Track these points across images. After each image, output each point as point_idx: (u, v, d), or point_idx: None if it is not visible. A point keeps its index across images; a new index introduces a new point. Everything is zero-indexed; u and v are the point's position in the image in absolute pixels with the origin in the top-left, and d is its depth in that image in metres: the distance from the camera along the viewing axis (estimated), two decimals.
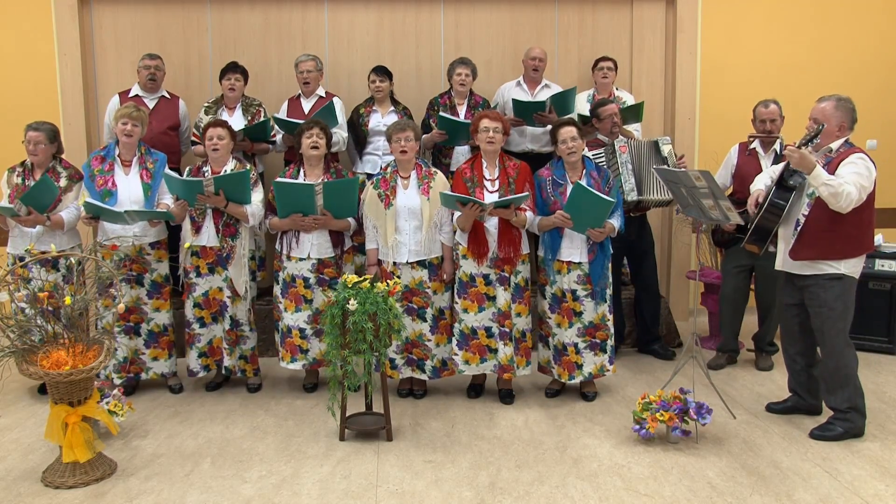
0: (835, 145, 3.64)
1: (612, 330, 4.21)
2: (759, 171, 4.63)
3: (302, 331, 4.26)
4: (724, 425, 3.83)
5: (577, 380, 4.19)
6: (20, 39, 5.50)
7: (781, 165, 3.78)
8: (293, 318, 4.26)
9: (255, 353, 4.44)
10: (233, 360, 4.35)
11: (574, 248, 4.10)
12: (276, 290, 4.32)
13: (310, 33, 5.65)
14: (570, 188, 4.06)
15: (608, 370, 4.20)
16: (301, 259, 4.23)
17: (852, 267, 3.63)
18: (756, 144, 4.69)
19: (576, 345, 4.15)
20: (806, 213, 3.62)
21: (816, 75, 5.89)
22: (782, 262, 3.78)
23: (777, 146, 4.64)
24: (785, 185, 3.70)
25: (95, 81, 5.59)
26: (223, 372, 4.40)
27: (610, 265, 4.17)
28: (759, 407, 4.10)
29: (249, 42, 5.61)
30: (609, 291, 4.17)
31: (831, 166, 3.56)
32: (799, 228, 3.65)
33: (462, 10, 5.72)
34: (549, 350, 4.26)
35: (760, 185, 3.93)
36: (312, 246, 4.23)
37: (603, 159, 4.67)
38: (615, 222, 4.08)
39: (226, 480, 3.29)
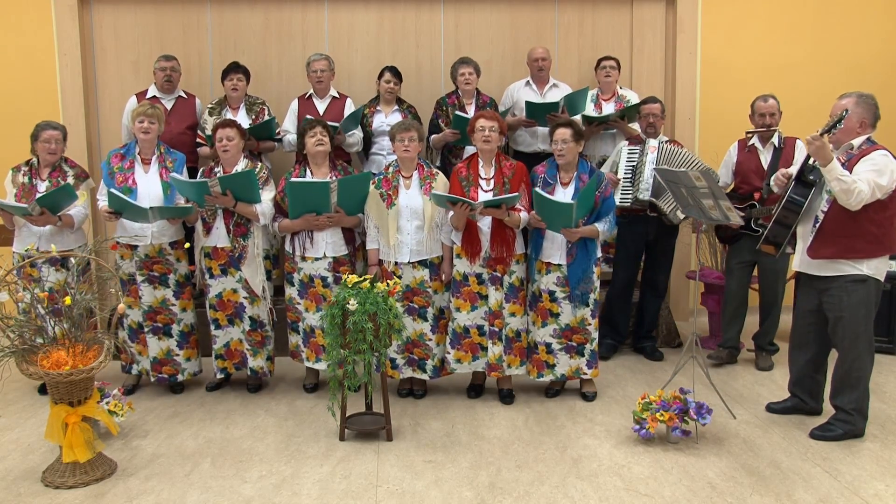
0: (856, 142, 3.54)
1: (595, 334, 4.18)
2: (760, 166, 4.64)
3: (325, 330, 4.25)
4: (724, 425, 3.83)
5: (547, 378, 4.20)
6: (20, 39, 5.50)
7: (802, 161, 3.70)
8: (315, 318, 4.25)
9: (273, 353, 4.46)
10: (259, 362, 4.35)
11: (554, 250, 4.09)
12: (291, 291, 4.30)
13: (310, 33, 5.65)
14: (558, 188, 4.07)
15: (585, 374, 4.19)
16: (317, 259, 4.22)
17: (875, 268, 3.52)
18: (755, 140, 4.70)
19: (548, 345, 4.15)
20: (825, 209, 3.52)
21: (816, 75, 5.89)
22: (800, 261, 3.68)
23: (775, 140, 4.64)
24: (804, 181, 3.60)
25: (95, 81, 5.59)
26: (248, 374, 4.40)
27: (596, 269, 4.12)
28: (759, 407, 4.09)
29: (249, 42, 5.61)
30: (593, 296, 4.13)
31: (851, 164, 3.47)
32: (817, 225, 3.55)
33: (462, 10, 5.72)
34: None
35: (793, 169, 3.84)
36: (327, 245, 4.22)
37: (636, 156, 4.71)
38: (601, 226, 4.04)
39: (226, 480, 3.29)
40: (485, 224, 4.06)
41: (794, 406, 3.96)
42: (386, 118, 5.04)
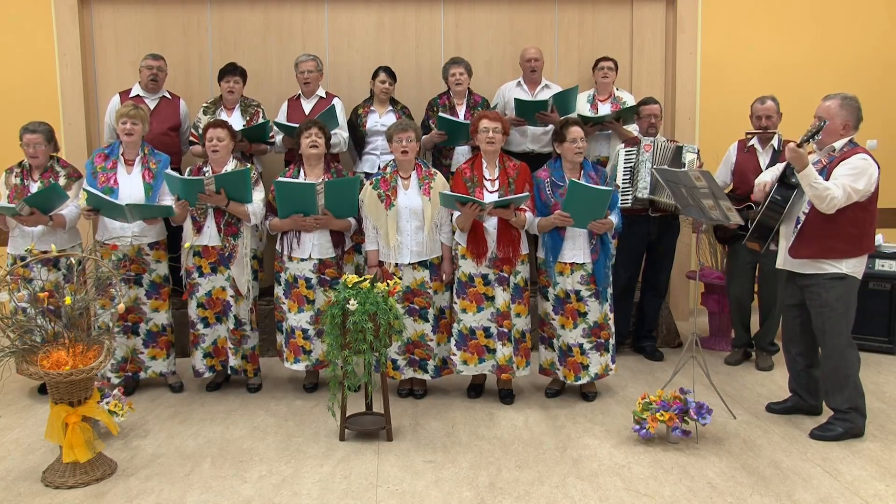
0: (838, 144, 3.60)
1: (613, 328, 4.22)
2: (758, 167, 4.65)
3: (305, 331, 4.25)
4: (724, 425, 3.83)
5: (584, 380, 4.19)
6: (20, 39, 5.50)
7: (785, 163, 3.76)
8: (296, 319, 4.25)
9: (255, 352, 4.44)
10: (237, 360, 4.35)
11: (577, 250, 4.09)
12: (278, 291, 4.32)
13: (310, 33, 5.65)
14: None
15: (612, 369, 4.21)
16: (302, 259, 4.22)
17: (854, 267, 3.60)
18: (754, 141, 4.71)
19: (581, 345, 4.15)
20: (806, 210, 3.60)
21: (816, 75, 5.89)
22: (783, 260, 3.77)
23: (775, 142, 4.66)
24: (787, 183, 3.68)
25: (95, 81, 5.59)
26: (229, 372, 4.40)
27: (611, 264, 4.18)
28: (759, 407, 4.10)
29: (249, 42, 5.61)
30: (610, 290, 4.17)
31: (832, 166, 3.54)
32: (799, 226, 3.64)
33: (462, 10, 5.72)
34: (552, 352, 4.26)
35: (768, 176, 3.91)
36: (314, 246, 4.22)
37: (633, 157, 4.71)
38: (614, 218, 4.08)
39: (226, 480, 3.29)
40: (491, 225, 4.06)
41: (794, 405, 3.97)
42: (380, 118, 5.03)
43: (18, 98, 5.48)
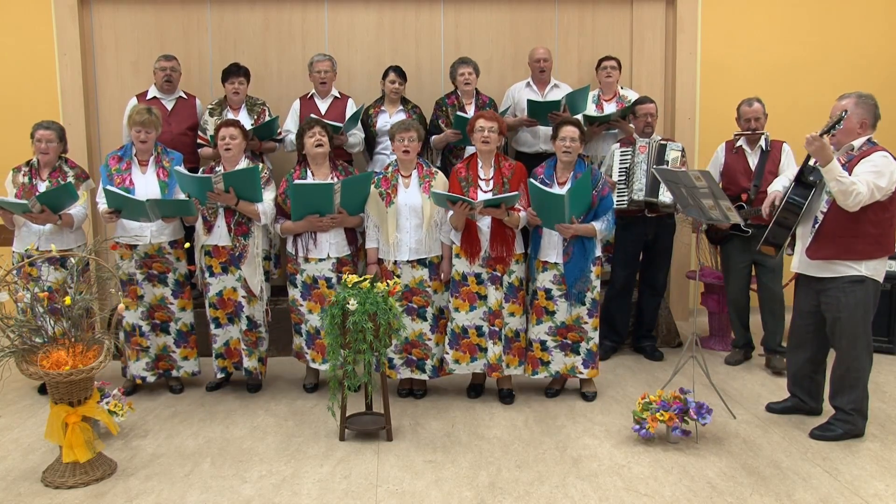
0: (857, 143, 3.53)
1: (593, 334, 4.17)
2: (747, 167, 4.66)
3: None
4: (724, 425, 3.83)
5: (541, 375, 4.21)
6: (20, 39, 5.50)
7: (802, 163, 3.71)
8: (318, 319, 4.24)
9: (267, 354, 4.45)
10: (253, 363, 4.34)
11: (551, 249, 4.10)
12: (294, 293, 4.29)
13: (310, 33, 5.65)
14: (555, 188, 4.07)
15: (581, 372, 4.18)
16: (321, 260, 4.22)
17: (874, 269, 3.51)
18: (742, 142, 4.72)
19: (543, 342, 4.16)
20: (824, 210, 3.52)
21: (816, 75, 5.89)
22: (799, 262, 3.68)
23: (763, 143, 4.66)
24: (804, 182, 3.58)
25: (95, 81, 5.59)
26: (243, 374, 4.40)
27: (595, 269, 4.13)
28: (759, 407, 4.10)
29: (249, 42, 5.62)
30: (591, 295, 4.13)
31: (851, 165, 3.46)
32: (817, 226, 3.54)
33: (462, 10, 5.72)
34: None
35: (778, 186, 3.83)
36: (331, 245, 4.22)
37: (629, 157, 4.71)
38: (598, 225, 4.04)
39: (226, 480, 3.30)
40: (484, 224, 4.07)
41: (793, 406, 3.96)
42: (390, 118, 5.03)
43: (18, 98, 5.48)
